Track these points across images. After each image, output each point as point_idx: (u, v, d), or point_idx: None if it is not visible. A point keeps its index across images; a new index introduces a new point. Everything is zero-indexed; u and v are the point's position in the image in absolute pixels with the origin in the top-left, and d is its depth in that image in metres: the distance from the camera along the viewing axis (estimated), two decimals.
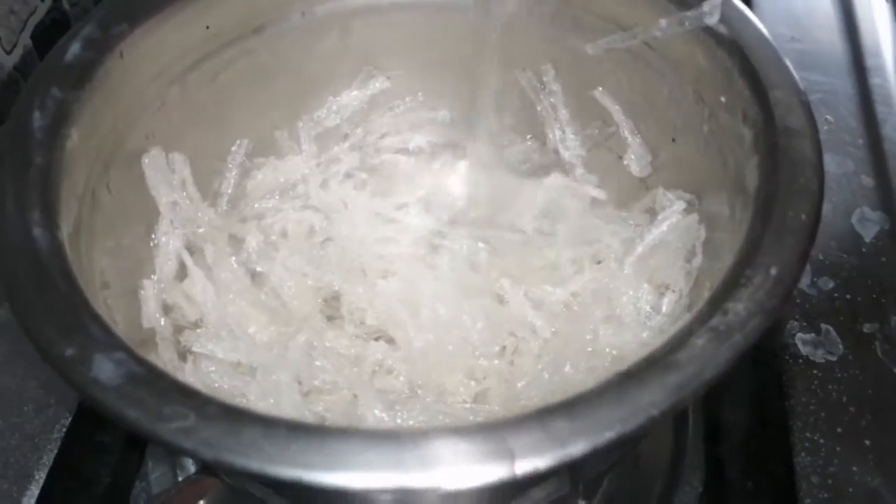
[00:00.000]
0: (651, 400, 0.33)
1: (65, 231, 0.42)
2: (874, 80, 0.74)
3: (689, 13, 0.49)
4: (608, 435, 0.33)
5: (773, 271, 0.37)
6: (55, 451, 0.53)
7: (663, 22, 0.51)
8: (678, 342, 0.35)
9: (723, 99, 0.48)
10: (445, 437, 0.33)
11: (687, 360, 0.34)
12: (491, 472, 0.32)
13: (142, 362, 0.35)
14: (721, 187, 0.49)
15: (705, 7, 0.48)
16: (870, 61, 0.75)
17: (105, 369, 0.35)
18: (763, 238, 0.38)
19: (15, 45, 0.64)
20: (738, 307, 0.36)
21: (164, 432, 0.33)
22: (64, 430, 0.53)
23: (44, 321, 0.36)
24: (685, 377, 0.34)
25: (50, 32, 0.70)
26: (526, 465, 0.32)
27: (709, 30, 0.48)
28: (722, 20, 0.48)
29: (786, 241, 0.38)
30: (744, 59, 0.46)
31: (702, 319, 0.36)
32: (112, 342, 0.36)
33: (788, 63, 0.46)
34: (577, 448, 0.32)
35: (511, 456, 0.32)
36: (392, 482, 0.32)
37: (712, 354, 0.35)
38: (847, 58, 0.76)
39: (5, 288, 0.38)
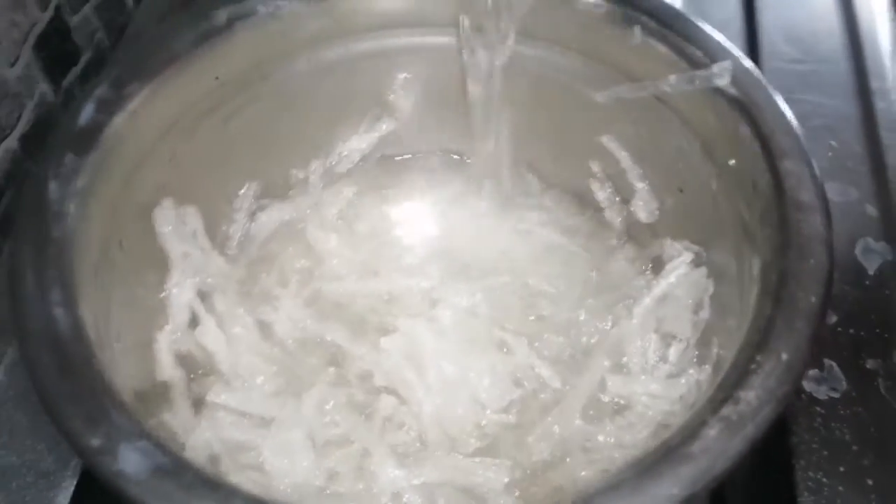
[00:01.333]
0: (666, 494, 0.34)
1: (82, 302, 0.42)
2: (879, 104, 0.73)
3: (698, 72, 0.49)
4: None
5: (784, 357, 0.38)
6: (71, 489, 0.52)
7: (673, 78, 0.51)
8: (691, 432, 0.36)
9: (731, 162, 0.48)
10: None
11: (700, 452, 0.35)
12: None
13: (167, 452, 0.36)
14: (729, 243, 0.49)
15: (715, 69, 0.48)
16: (874, 84, 0.74)
17: (131, 461, 0.35)
18: (773, 321, 0.39)
19: (18, 58, 0.64)
20: (750, 396, 0.37)
21: None
22: (79, 467, 0.53)
23: (69, 410, 0.37)
24: (698, 471, 0.35)
25: (52, 43, 0.69)
26: None
27: (719, 91, 0.48)
28: (733, 82, 0.48)
29: (796, 324, 0.39)
30: (754, 125, 0.46)
31: (714, 408, 0.37)
32: (137, 430, 0.36)
33: (799, 130, 0.46)
34: None
35: None
36: None
37: (725, 446, 0.35)
38: (851, 80, 0.75)
39: (31, 375, 0.38)
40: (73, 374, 0.38)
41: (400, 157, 0.66)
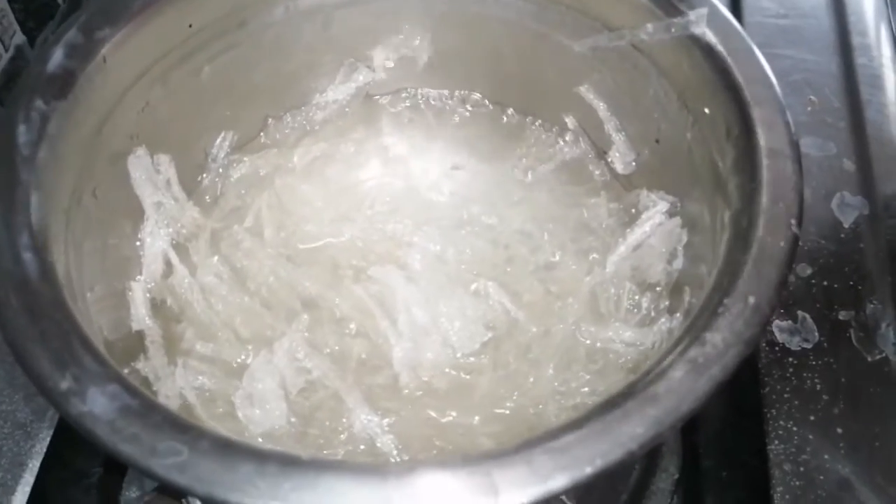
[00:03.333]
0: (631, 433, 0.35)
1: (55, 246, 0.42)
2: (860, 60, 0.73)
3: (675, 20, 0.49)
4: (589, 470, 0.34)
5: (752, 300, 0.38)
6: (48, 440, 0.53)
7: (650, 26, 0.51)
8: (657, 373, 0.36)
9: (706, 110, 0.48)
10: (432, 471, 0.34)
11: (665, 393, 0.36)
12: None
13: (136, 394, 0.36)
14: (702, 193, 0.49)
15: (692, 16, 0.48)
16: (856, 40, 0.75)
17: (99, 403, 0.35)
18: (742, 266, 0.39)
19: None
20: (717, 338, 0.37)
21: (158, 468, 0.34)
22: (56, 418, 0.53)
23: (37, 352, 0.37)
24: (664, 410, 0.35)
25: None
26: (509, 499, 0.33)
27: (695, 39, 0.48)
28: (709, 30, 0.48)
29: (764, 269, 0.39)
30: (728, 73, 0.46)
31: (680, 350, 0.37)
32: (106, 373, 0.36)
33: (773, 78, 0.46)
34: (558, 483, 0.34)
35: (495, 491, 0.33)
36: None
37: (690, 387, 0.36)
38: (833, 36, 0.75)
39: None
40: (42, 316, 0.38)
41: (376, 97, 0.65)
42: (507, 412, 0.50)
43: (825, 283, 0.59)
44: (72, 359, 0.37)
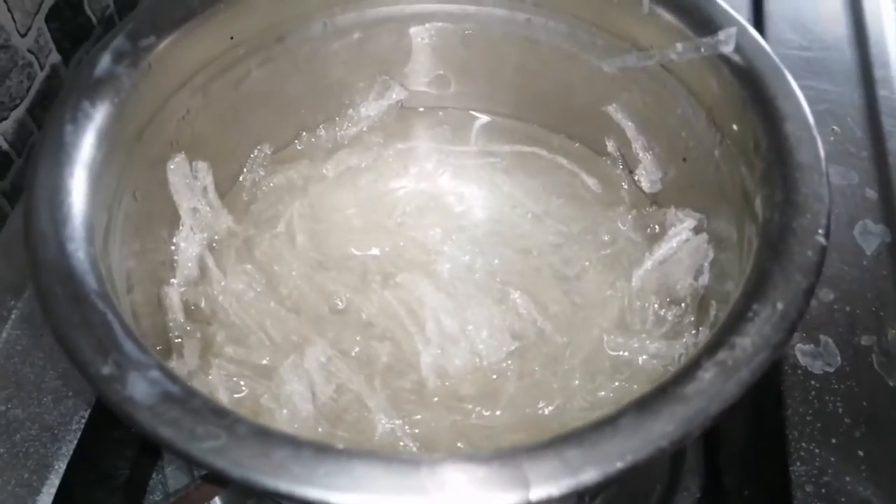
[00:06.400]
0: (661, 431, 0.35)
1: (97, 243, 0.43)
2: (882, 92, 0.74)
3: (704, 40, 0.50)
4: (619, 465, 0.34)
5: (780, 306, 0.39)
6: (74, 443, 0.53)
7: (679, 46, 0.52)
8: (687, 374, 0.37)
9: (735, 127, 0.49)
10: (464, 463, 0.34)
11: (695, 394, 0.36)
12: (507, 498, 0.33)
13: (176, 380, 0.37)
14: (730, 210, 0.50)
15: (721, 35, 0.49)
16: (878, 72, 0.75)
17: (140, 388, 0.36)
18: (771, 272, 0.40)
19: (29, 28, 0.65)
20: (745, 342, 0.38)
21: (197, 451, 0.34)
22: (83, 421, 0.54)
23: (81, 339, 0.38)
24: (693, 410, 0.36)
25: (64, 15, 0.70)
26: (540, 492, 0.34)
27: (724, 57, 0.49)
28: (737, 49, 0.49)
29: (793, 276, 0.39)
30: (757, 90, 0.47)
31: (709, 352, 0.37)
32: (147, 361, 0.37)
33: (801, 95, 0.47)
34: (589, 476, 0.34)
35: (526, 484, 0.33)
36: None
37: (719, 389, 0.36)
38: (855, 67, 0.76)
39: (42, 305, 0.39)
40: (85, 304, 0.39)
41: (408, 110, 0.67)
42: (532, 420, 0.50)
43: (847, 308, 0.59)
44: (113, 346, 0.37)
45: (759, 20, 0.78)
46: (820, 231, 0.41)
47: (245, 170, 0.62)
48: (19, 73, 0.64)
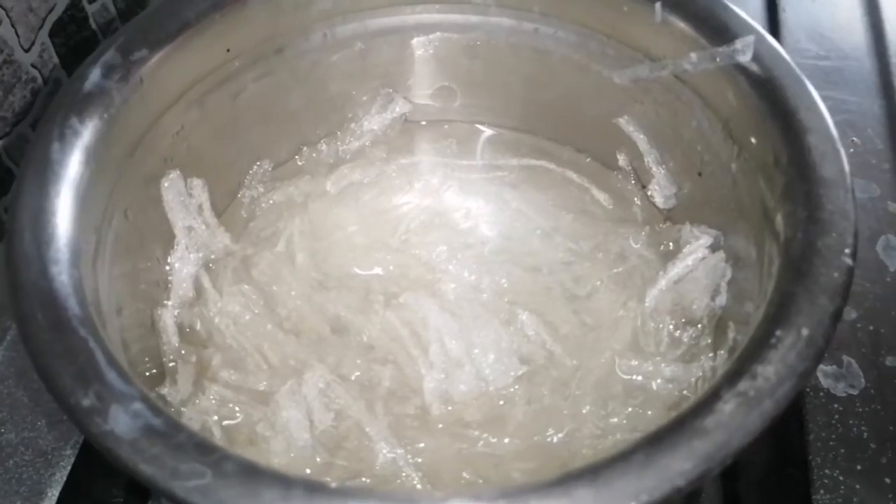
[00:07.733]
0: (679, 469, 0.33)
1: (83, 264, 0.41)
2: None
3: (720, 49, 0.48)
4: None
5: (805, 332, 0.36)
6: (68, 469, 0.52)
7: (694, 56, 0.50)
8: (705, 406, 0.35)
9: (753, 140, 0.47)
10: (468, 502, 0.32)
11: (715, 427, 0.34)
12: None
13: (160, 413, 0.35)
14: (748, 227, 0.48)
15: (738, 44, 0.47)
16: None
17: (121, 421, 0.34)
18: (795, 295, 0.38)
19: (33, 43, 0.64)
20: (769, 371, 0.35)
21: (180, 490, 0.33)
22: (78, 446, 0.52)
23: (61, 368, 0.36)
24: (713, 445, 0.33)
25: (68, 30, 0.69)
26: None
27: (741, 67, 0.47)
28: (755, 58, 0.47)
29: (818, 299, 0.37)
30: (777, 101, 0.45)
31: (730, 382, 0.35)
32: (130, 392, 0.35)
33: (823, 107, 0.45)
34: None
35: None
36: None
37: (741, 422, 0.34)
38: (875, 77, 0.75)
39: (21, 331, 0.37)
40: (67, 331, 0.37)
41: (412, 124, 0.65)
42: (541, 448, 0.48)
43: (871, 327, 0.57)
44: (95, 376, 0.36)
45: (774, 28, 0.77)
46: (846, 251, 0.39)
47: (243, 186, 0.60)
48: (23, 88, 0.64)
